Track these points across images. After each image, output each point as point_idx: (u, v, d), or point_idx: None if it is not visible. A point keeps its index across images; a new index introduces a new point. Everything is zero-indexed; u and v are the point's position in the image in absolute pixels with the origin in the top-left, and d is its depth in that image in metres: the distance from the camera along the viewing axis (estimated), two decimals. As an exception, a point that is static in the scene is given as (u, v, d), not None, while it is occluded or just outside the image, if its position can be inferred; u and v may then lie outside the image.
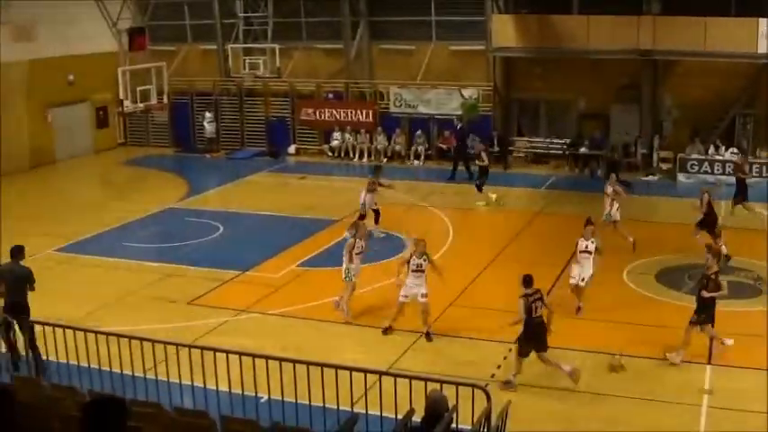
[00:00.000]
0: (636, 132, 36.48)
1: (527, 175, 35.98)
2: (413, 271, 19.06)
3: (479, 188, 31.64)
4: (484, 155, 32.18)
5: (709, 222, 24.73)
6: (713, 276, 17.56)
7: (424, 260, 18.97)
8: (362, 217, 26.69)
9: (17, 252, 17.87)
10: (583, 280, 19.83)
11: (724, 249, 23.23)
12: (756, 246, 24.43)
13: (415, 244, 19.52)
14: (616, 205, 25.79)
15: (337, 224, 28.25)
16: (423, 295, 19.07)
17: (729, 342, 17.65)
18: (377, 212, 27.64)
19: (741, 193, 28.55)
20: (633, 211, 29.45)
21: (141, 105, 36.47)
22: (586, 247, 19.83)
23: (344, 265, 20.33)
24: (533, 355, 16.55)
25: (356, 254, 20.41)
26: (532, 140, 38.69)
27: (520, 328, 16.68)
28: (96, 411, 6.83)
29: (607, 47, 34.08)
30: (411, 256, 19.28)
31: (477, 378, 15.19)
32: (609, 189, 26.33)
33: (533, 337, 16.63)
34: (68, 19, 39.41)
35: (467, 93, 37.99)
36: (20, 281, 17.48)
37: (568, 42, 34.95)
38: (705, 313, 17.59)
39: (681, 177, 34.23)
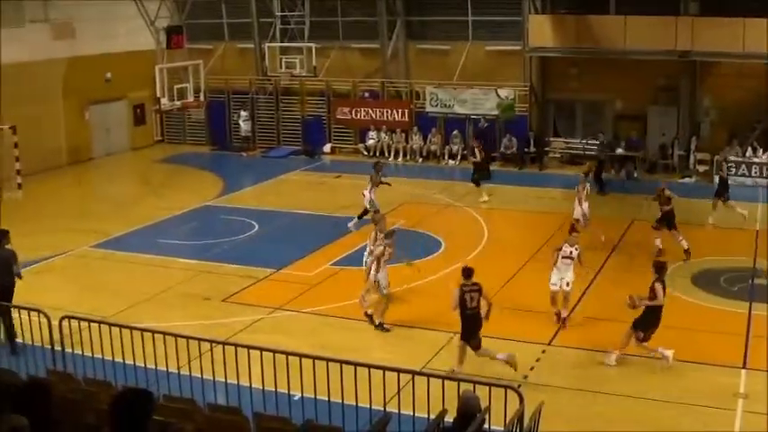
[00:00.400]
0: (673, 134, 36.23)
1: (562, 176, 35.78)
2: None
3: (476, 183, 31.85)
4: (477, 151, 32.24)
5: (668, 218, 24.89)
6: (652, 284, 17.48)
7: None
8: (377, 212, 26.49)
9: (2, 236, 18.97)
10: (568, 284, 19.59)
11: (684, 244, 23.88)
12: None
13: (384, 233, 20.47)
14: (586, 204, 26.06)
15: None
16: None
17: (668, 354, 17.43)
18: (366, 210, 27.50)
19: (722, 191, 28.80)
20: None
21: (178, 103, 36.60)
22: (570, 253, 19.61)
23: (373, 276, 19.96)
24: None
25: (384, 261, 20.11)
26: (568, 141, 38.52)
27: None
28: (124, 403, 6.87)
29: (644, 47, 33.86)
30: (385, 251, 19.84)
31: (511, 379, 15.16)
32: (579, 188, 26.49)
33: (469, 331, 16.97)
34: (107, 17, 39.77)
35: (503, 93, 37.88)
36: (5, 263, 18.62)
37: (605, 43, 34.76)
38: (643, 321, 17.46)
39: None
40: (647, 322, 17.38)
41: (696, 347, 18.32)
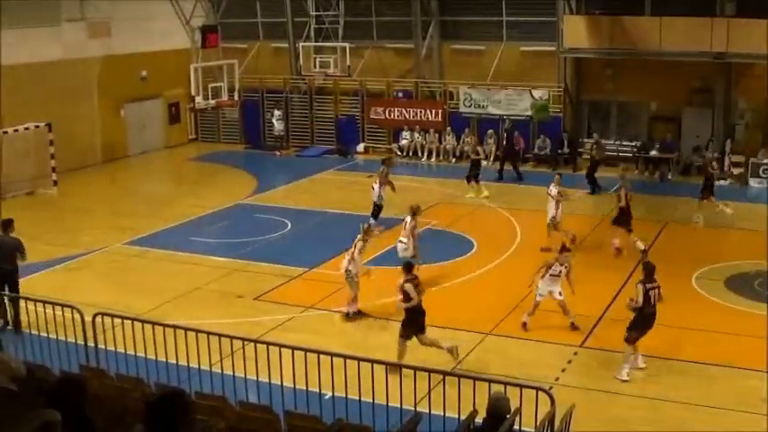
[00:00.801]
0: (707, 136, 35.99)
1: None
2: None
3: (468, 180, 32.30)
4: (479, 149, 33.46)
5: (625, 218, 24.88)
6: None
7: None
8: (380, 208, 27.69)
9: (7, 225, 20.21)
10: (560, 294, 19.50)
11: (640, 245, 23.83)
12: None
13: (366, 232, 21.17)
14: (560, 207, 26.00)
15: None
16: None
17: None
18: (381, 207, 27.88)
19: (707, 190, 29.03)
20: (703, 215, 29.11)
21: (212, 102, 36.74)
22: (559, 272, 19.48)
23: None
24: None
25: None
26: (602, 142, 38.30)
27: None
28: (161, 407, 6.89)
29: (680, 49, 33.61)
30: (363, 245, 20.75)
31: (542, 380, 15.12)
32: (553, 190, 26.24)
33: (413, 321, 17.48)
34: (143, 16, 40.02)
35: (537, 93, 37.77)
36: (10, 250, 19.78)
37: (640, 44, 34.57)
38: (632, 322, 17.35)
39: (752, 182, 33.78)
40: (634, 323, 17.29)
41: (726, 350, 18.22)
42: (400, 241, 23.33)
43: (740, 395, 16.16)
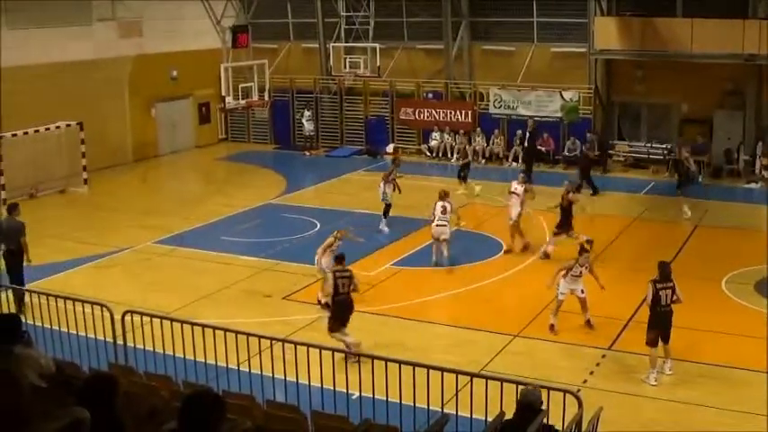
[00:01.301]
0: (739, 138, 35.77)
1: (626, 180, 35.54)
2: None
3: (461, 179, 33.49)
4: (468, 149, 35.27)
5: (565, 221, 24.92)
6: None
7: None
8: (386, 208, 28.22)
9: (13, 208, 21.60)
10: (582, 292, 19.51)
11: (583, 237, 23.62)
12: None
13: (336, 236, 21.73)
14: (525, 206, 25.93)
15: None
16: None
17: (652, 376, 17.11)
18: (389, 206, 28.34)
19: (683, 185, 29.72)
20: (733, 219, 28.98)
21: (242, 102, 36.82)
22: (580, 273, 19.50)
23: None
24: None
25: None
26: (633, 144, 38.18)
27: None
28: (196, 406, 6.90)
29: (711, 50, 33.41)
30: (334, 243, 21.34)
31: (569, 383, 15.07)
32: (519, 188, 25.99)
33: (337, 314, 17.93)
34: (173, 16, 40.25)
35: (567, 95, 37.65)
36: (15, 232, 21.07)
37: (672, 45, 34.40)
38: (649, 323, 17.32)
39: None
40: (649, 324, 17.26)
41: (755, 355, 18.05)
42: (438, 225, 24.23)
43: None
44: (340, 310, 18.07)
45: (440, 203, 24.46)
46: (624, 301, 20.33)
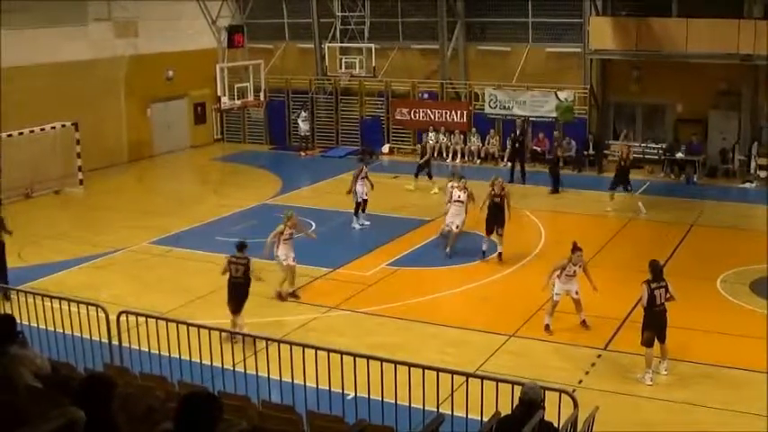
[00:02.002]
0: (734, 138, 35.81)
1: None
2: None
3: (416, 175, 33.87)
4: (428, 147, 35.63)
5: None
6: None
7: None
8: (362, 203, 28.71)
9: None
10: (576, 293, 19.46)
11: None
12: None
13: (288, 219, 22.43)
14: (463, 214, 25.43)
15: (428, 224, 28.32)
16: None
17: (647, 376, 17.15)
18: (365, 202, 28.66)
19: (620, 182, 30.39)
20: (728, 218, 29.03)
21: (238, 102, 36.85)
22: (574, 272, 19.44)
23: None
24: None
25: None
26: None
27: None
28: (191, 406, 6.90)
29: (706, 51, 33.41)
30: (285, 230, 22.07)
31: (565, 383, 15.08)
32: (462, 195, 25.54)
33: (229, 296, 19.26)
34: (169, 16, 40.20)
35: (562, 95, 37.66)
36: None
37: (667, 45, 34.42)
38: (643, 323, 17.37)
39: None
40: (644, 324, 17.26)
41: (751, 354, 18.09)
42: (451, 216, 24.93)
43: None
44: (230, 292, 19.37)
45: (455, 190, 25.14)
46: (620, 301, 20.36)
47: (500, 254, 24.89)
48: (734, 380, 17.12)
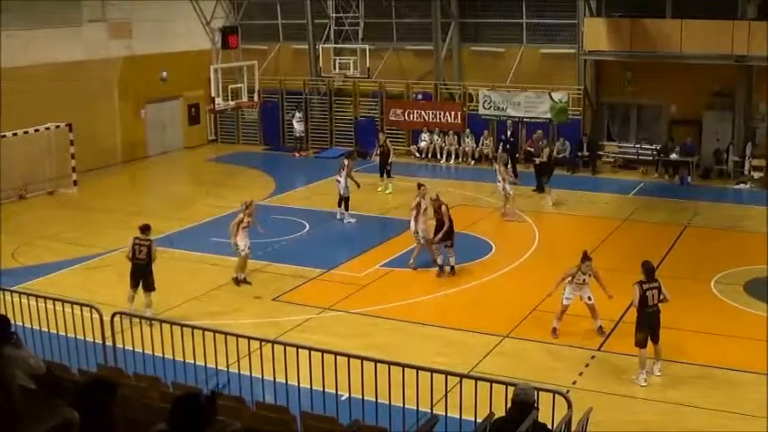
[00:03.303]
0: (728, 139, 35.86)
1: (615, 181, 35.61)
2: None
3: (388, 174, 34.18)
4: (388, 144, 35.34)
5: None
6: None
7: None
8: (343, 199, 29.38)
9: None
10: (590, 299, 19.21)
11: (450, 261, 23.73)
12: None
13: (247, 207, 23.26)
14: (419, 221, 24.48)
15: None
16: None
17: (641, 377, 17.18)
18: (347, 199, 29.30)
19: (543, 176, 31.45)
20: (723, 219, 29.07)
21: (232, 103, 36.84)
22: (584, 280, 19.11)
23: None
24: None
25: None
26: (622, 145, 38.25)
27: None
28: (185, 408, 6.90)
29: (700, 52, 33.48)
30: (244, 219, 22.94)
31: (559, 384, 15.10)
32: (423, 203, 24.53)
33: (132, 276, 20.35)
34: (163, 17, 40.21)
35: (556, 96, 37.66)
36: None
37: (661, 46, 34.48)
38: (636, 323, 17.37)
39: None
40: (637, 325, 17.25)
41: (746, 356, 18.13)
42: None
43: (763, 401, 15.95)
44: (132, 272, 20.40)
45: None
46: (613, 302, 20.26)
47: (452, 267, 23.85)
48: (728, 381, 17.13)
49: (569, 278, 19.21)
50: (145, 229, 20.52)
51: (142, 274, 20.32)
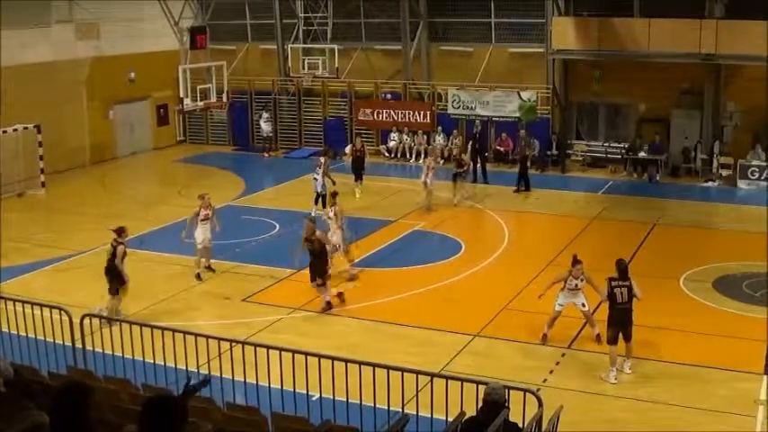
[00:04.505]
0: (696, 138, 36.07)
1: (584, 179, 35.76)
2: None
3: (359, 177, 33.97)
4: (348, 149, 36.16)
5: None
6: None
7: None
8: (319, 196, 29.45)
9: None
10: (584, 305, 18.87)
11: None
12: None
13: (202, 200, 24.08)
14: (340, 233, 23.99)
15: (392, 224, 28.35)
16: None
17: (612, 375, 17.24)
18: (324, 196, 28.81)
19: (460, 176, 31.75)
20: (691, 217, 29.25)
21: (201, 104, 36.70)
22: (576, 285, 18.75)
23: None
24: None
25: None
26: (591, 144, 38.40)
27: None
28: (155, 409, 6.87)
29: (668, 50, 33.59)
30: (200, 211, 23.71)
31: (529, 382, 15.14)
32: (330, 212, 24.46)
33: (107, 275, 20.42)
34: (132, 17, 40.05)
35: (525, 95, 37.74)
36: None
37: (629, 45, 34.58)
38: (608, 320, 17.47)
39: (741, 184, 33.82)
40: (608, 322, 17.34)
41: (716, 352, 18.27)
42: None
43: (733, 398, 16.14)
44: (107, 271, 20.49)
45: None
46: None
47: (328, 302, 21.44)
48: (698, 378, 17.22)
49: (562, 283, 18.92)
50: (120, 231, 20.77)
51: (108, 276, 20.41)
